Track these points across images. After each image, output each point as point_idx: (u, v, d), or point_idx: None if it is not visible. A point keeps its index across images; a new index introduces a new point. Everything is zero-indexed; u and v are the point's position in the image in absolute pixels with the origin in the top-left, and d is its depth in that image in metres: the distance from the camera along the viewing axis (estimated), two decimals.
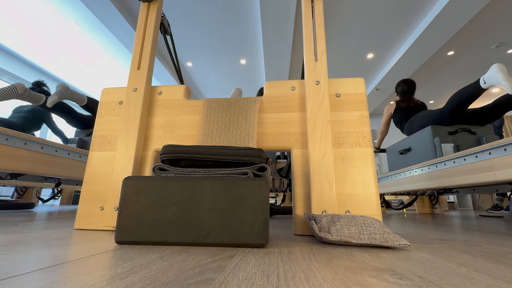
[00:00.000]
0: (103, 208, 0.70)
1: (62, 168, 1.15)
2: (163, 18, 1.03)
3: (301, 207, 0.66)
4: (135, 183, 0.48)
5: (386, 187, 1.83)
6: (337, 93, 0.74)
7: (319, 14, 0.77)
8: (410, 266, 0.32)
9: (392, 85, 4.40)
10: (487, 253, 0.42)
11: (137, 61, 0.81)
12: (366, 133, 0.69)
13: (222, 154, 0.53)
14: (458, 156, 1.03)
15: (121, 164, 0.71)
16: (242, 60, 3.99)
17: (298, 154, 0.70)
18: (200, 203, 0.46)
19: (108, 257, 0.35)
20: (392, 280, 0.26)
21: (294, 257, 0.37)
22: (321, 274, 0.28)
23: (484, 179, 0.87)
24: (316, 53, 0.74)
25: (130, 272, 0.28)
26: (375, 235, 0.45)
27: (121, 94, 0.82)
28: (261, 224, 0.45)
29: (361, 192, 0.64)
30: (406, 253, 0.41)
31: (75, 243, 0.45)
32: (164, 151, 0.55)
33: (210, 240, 0.44)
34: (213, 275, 0.27)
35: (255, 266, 0.31)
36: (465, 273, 0.29)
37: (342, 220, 0.49)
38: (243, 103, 0.77)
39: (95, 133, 0.79)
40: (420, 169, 1.35)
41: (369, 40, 3.43)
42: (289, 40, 3.23)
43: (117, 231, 0.46)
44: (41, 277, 0.25)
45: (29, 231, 0.60)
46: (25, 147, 0.98)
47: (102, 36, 3.37)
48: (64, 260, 0.32)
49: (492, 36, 3.25)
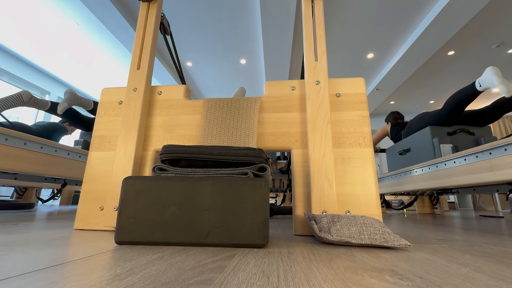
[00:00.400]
0: (102, 208, 0.70)
1: (62, 168, 1.15)
2: (163, 18, 1.03)
3: (301, 207, 0.65)
4: (135, 183, 0.48)
5: (386, 187, 1.83)
6: (337, 93, 0.73)
7: (319, 13, 0.77)
8: (410, 266, 0.32)
9: (393, 85, 4.39)
10: (487, 254, 0.42)
11: (136, 61, 0.81)
12: (367, 133, 0.69)
13: (222, 154, 0.53)
14: (458, 156, 1.03)
15: (121, 164, 0.70)
16: (242, 60, 3.99)
17: (298, 154, 0.70)
18: (200, 203, 0.46)
19: (108, 257, 0.35)
20: (393, 280, 0.26)
21: (294, 258, 0.37)
22: (321, 275, 0.28)
23: (485, 179, 0.86)
24: (316, 53, 0.74)
25: (130, 272, 0.28)
26: (375, 235, 0.45)
27: (120, 94, 0.82)
28: (261, 224, 0.44)
29: (361, 192, 0.64)
30: (406, 253, 0.41)
31: (75, 243, 0.45)
32: (164, 151, 0.55)
33: (210, 240, 0.44)
34: (213, 275, 0.27)
35: (255, 267, 0.31)
36: (465, 274, 0.29)
37: (342, 220, 0.49)
38: (243, 103, 0.77)
39: (94, 133, 0.79)
40: (420, 169, 1.35)
41: (369, 40, 3.43)
42: (289, 40, 3.23)
43: (117, 231, 0.46)
44: (41, 278, 0.25)
45: (28, 231, 0.59)
46: (24, 147, 0.98)
47: (101, 36, 3.37)
48: (63, 261, 0.32)
49: (493, 36, 3.24)
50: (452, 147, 1.34)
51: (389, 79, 4.18)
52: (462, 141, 1.40)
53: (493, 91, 4.83)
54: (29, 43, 3.58)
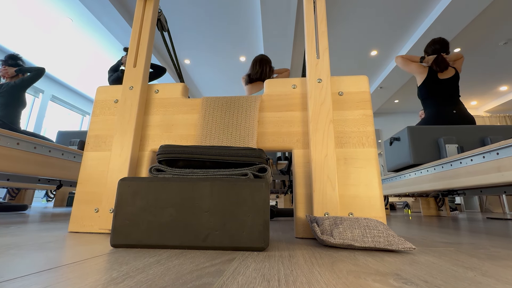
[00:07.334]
0: (98, 210, 0.68)
1: (56, 169, 1.13)
2: (160, 14, 1.01)
3: (302, 209, 0.64)
4: (131, 184, 0.47)
5: (390, 188, 1.82)
6: (339, 91, 0.72)
7: (321, 9, 0.75)
8: (415, 270, 0.32)
9: (397, 83, 4.35)
10: (494, 257, 0.41)
11: (133, 59, 0.79)
12: (370, 132, 0.67)
13: (221, 154, 0.52)
14: (465, 157, 1.02)
15: (117, 164, 0.69)
16: (242, 58, 3.96)
17: (299, 155, 0.69)
18: (198, 205, 0.45)
19: (103, 260, 0.34)
20: (397, 284, 0.26)
21: (295, 261, 0.36)
22: (323, 279, 0.27)
23: (492, 180, 0.85)
24: (318, 50, 0.73)
25: (126, 276, 0.27)
26: (379, 238, 0.44)
27: (116, 92, 0.80)
28: (261, 226, 0.44)
29: (365, 194, 0.63)
30: (411, 256, 0.40)
31: (69, 246, 0.45)
32: (161, 151, 0.53)
33: (208, 243, 0.43)
34: (212, 279, 0.27)
35: (255, 270, 0.31)
36: (472, 278, 0.29)
37: (345, 223, 0.48)
38: (243, 101, 0.75)
39: (89, 133, 0.77)
40: (426, 170, 1.35)
41: (373, 36, 3.39)
42: (290, 37, 3.20)
43: (113, 234, 0.45)
44: (34, 281, 0.25)
45: (21, 233, 0.58)
46: (17, 147, 0.96)
47: (97, 32, 3.32)
48: (58, 264, 0.32)
49: (500, 32, 3.20)
50: (457, 147, 1.34)
51: (393, 77, 4.15)
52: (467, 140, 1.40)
53: (501, 89, 4.81)
54: (21, 40, 3.52)
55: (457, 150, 1.34)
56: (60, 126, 4.97)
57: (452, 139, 1.38)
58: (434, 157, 1.45)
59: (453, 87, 1.79)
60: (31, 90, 4.34)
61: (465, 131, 1.44)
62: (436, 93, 1.80)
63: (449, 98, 1.77)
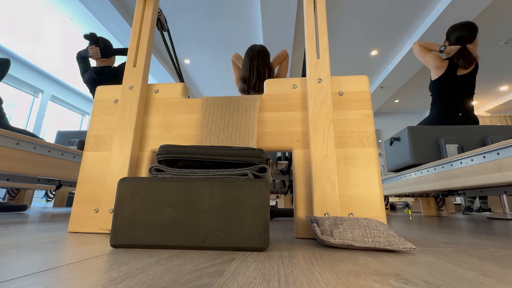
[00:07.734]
0: (97, 211, 0.68)
1: (56, 169, 1.13)
2: (160, 14, 1.01)
3: (302, 209, 0.64)
4: (131, 184, 0.47)
5: (390, 189, 1.81)
6: (340, 91, 0.72)
7: (322, 9, 0.75)
8: (415, 270, 0.32)
9: (397, 83, 4.34)
10: (495, 257, 0.41)
11: (133, 58, 0.79)
12: (370, 132, 0.67)
13: (221, 154, 0.52)
14: (465, 157, 1.02)
15: (117, 164, 0.69)
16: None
17: (299, 155, 0.69)
18: (198, 205, 0.45)
19: (103, 261, 0.34)
20: (397, 285, 0.26)
21: (295, 261, 0.36)
22: (323, 279, 0.27)
23: (492, 180, 0.85)
24: (318, 50, 0.72)
25: (126, 276, 0.27)
26: (379, 238, 0.44)
27: (116, 92, 0.80)
28: (261, 227, 0.43)
29: (365, 194, 0.63)
30: (411, 257, 0.40)
31: (69, 246, 0.44)
32: (160, 151, 0.53)
33: (208, 244, 0.43)
34: (212, 279, 0.27)
35: (255, 271, 0.31)
36: (472, 278, 0.29)
37: (345, 223, 0.48)
38: (242, 101, 0.75)
39: (89, 133, 0.77)
40: (426, 170, 1.34)
41: (373, 36, 3.38)
42: (290, 36, 3.20)
43: (112, 234, 0.45)
44: (34, 282, 0.25)
45: (21, 234, 0.58)
46: (17, 147, 0.96)
47: (96, 32, 3.31)
48: (57, 264, 0.32)
49: (500, 32, 3.19)
50: (458, 147, 1.33)
51: (394, 77, 4.13)
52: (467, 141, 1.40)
53: (501, 89, 4.81)
54: (21, 40, 3.52)
55: (457, 150, 1.34)
56: (59, 126, 4.97)
57: (452, 139, 1.38)
58: (434, 157, 1.44)
59: (471, 84, 1.59)
60: (31, 90, 4.34)
61: (465, 131, 1.44)
62: (452, 90, 1.58)
63: (462, 98, 1.59)
